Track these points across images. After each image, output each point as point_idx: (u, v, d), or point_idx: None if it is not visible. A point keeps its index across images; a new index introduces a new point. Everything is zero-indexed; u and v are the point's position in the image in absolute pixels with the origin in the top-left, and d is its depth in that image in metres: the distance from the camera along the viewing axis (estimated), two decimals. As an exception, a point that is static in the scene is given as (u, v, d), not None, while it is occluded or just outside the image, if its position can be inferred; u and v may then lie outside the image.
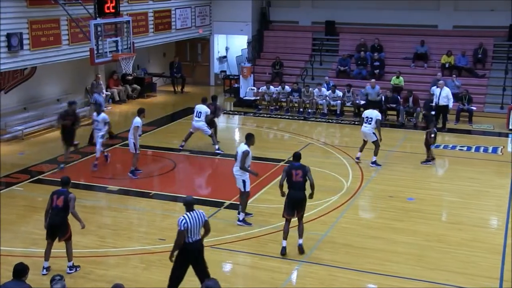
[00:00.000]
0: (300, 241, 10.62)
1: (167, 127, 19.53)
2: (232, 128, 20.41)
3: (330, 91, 21.10)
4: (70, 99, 17.87)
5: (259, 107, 22.05)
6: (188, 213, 8.65)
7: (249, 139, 11.63)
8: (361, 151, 15.47)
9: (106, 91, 22.06)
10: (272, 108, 21.78)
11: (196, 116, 16.50)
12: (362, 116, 15.19)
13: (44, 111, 19.37)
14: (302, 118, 20.88)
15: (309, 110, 21.18)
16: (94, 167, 14.78)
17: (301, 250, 10.58)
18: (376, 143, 15.16)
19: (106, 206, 12.85)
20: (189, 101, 22.94)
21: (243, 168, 11.48)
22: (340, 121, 20.36)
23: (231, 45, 27.39)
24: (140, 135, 14.45)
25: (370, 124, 14.89)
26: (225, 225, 11.86)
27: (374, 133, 15.08)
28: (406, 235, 11.48)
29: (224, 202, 12.96)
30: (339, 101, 20.81)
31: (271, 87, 22.09)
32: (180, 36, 24.24)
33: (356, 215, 12.47)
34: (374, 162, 15.25)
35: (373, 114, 15.01)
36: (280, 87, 21.96)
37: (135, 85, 23.70)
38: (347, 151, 16.63)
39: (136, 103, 23.01)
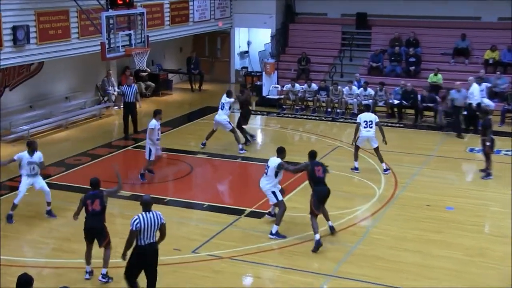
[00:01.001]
0: (330, 222, 11.67)
1: (183, 128, 19.57)
2: (254, 129, 20.38)
3: (361, 89, 20.97)
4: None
5: (283, 106, 22.00)
6: (143, 213, 8.84)
7: (282, 153, 11.85)
8: (356, 160, 15.27)
9: (118, 88, 22.17)
10: (297, 108, 21.72)
11: (220, 109, 16.57)
12: (358, 121, 15.13)
13: (52, 110, 19.54)
14: (330, 118, 20.78)
15: (338, 110, 21.08)
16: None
17: (333, 230, 11.65)
18: (377, 149, 15.13)
19: (118, 213, 12.89)
20: (207, 99, 22.99)
21: (293, 170, 11.90)
22: (372, 122, 20.23)
23: (253, 39, 27.37)
24: (158, 139, 14.37)
25: (372, 127, 14.95)
26: (245, 234, 11.82)
27: (375, 137, 15.09)
28: (445, 248, 11.33)
29: (245, 210, 12.92)
30: (370, 100, 20.67)
31: (297, 85, 22.03)
32: (198, 30, 24.29)
33: (389, 225, 12.35)
34: (386, 169, 15.18)
35: (372, 117, 15.11)
36: (306, 85, 21.89)
37: (149, 82, 23.81)
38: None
39: (150, 102, 23.10)
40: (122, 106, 18.39)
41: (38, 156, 12.17)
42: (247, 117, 17.59)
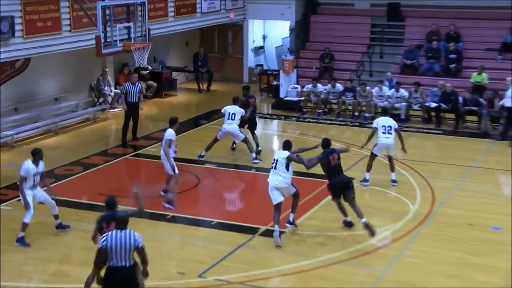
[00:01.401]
0: (364, 219, 12.08)
1: (189, 134, 19.60)
2: (269, 136, 20.38)
3: (392, 90, 20.92)
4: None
5: (304, 110, 22.00)
6: (114, 231, 8.76)
7: (289, 147, 12.48)
8: (369, 170, 15.27)
9: (115, 88, 22.28)
10: (319, 111, 21.70)
11: (229, 118, 16.58)
12: (375, 126, 15.13)
13: (40, 113, 19.65)
14: (358, 124, 20.74)
15: (366, 114, 21.04)
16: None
17: (370, 228, 12.07)
18: (392, 157, 15.26)
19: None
20: (216, 101, 23.02)
21: (307, 164, 12.35)
22: (405, 128, 20.16)
23: (269, 33, 27.40)
24: (175, 152, 14.22)
25: (391, 134, 15.02)
26: (259, 256, 11.80)
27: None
28: (490, 273, 11.25)
29: (259, 228, 12.90)
30: (404, 103, 20.61)
31: (319, 85, 22.01)
32: (206, 22, 24.37)
33: (425, 247, 12.28)
34: (395, 180, 15.27)
35: (390, 122, 15.16)
36: (329, 85, 21.88)
37: (150, 82, 23.90)
38: (415, 166, 16.45)
39: (151, 104, 23.19)
40: (125, 107, 18.28)
41: (42, 165, 12.30)
42: (253, 125, 17.59)
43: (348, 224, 12.71)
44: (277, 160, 12.23)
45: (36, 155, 12.21)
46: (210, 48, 26.73)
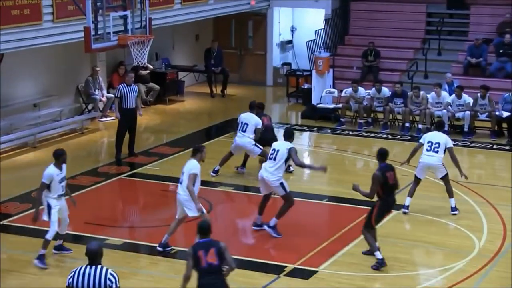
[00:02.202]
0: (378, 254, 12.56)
1: (199, 149, 19.64)
2: (299, 152, 20.33)
3: (453, 95, 20.85)
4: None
5: (342, 120, 21.98)
6: (83, 266, 8.64)
7: (291, 137, 13.85)
8: (411, 195, 15.24)
9: (108, 92, 22.40)
10: (361, 121, 21.66)
11: (240, 130, 16.60)
12: (421, 141, 15.21)
13: (14, 122, 19.78)
14: (409, 137, 20.69)
15: (420, 126, 20.98)
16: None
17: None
18: (446, 179, 15.10)
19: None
20: (233, 108, 23.07)
21: (301, 163, 14.20)
22: (469, 143, 20.06)
23: (299, 24, 27.46)
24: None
25: (438, 152, 14.85)
26: (287, 302, 11.79)
27: (443, 164, 15.00)
28: None
29: (285, 266, 12.88)
30: (467, 112, 20.53)
31: (361, 89, 22.00)
32: (221, 10, 24.47)
33: (494, 292, 12.22)
34: (455, 208, 15.18)
35: (441, 138, 15.02)
36: (374, 89, 21.86)
37: (151, 84, 24.00)
38: (481, 191, 16.36)
39: (152, 111, 23.27)
40: (117, 115, 18.35)
41: (65, 170, 12.77)
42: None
43: (381, 264, 12.57)
44: (277, 151, 13.60)
45: (59, 157, 12.61)
46: (225, 43, 26.82)
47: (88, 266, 8.62)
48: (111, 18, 16.11)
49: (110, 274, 8.59)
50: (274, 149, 13.74)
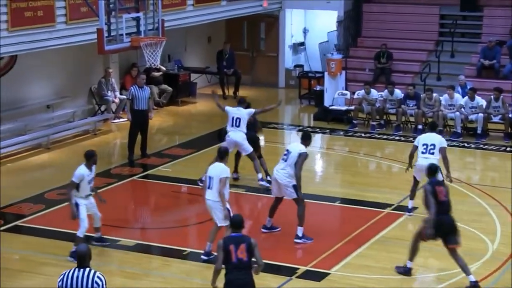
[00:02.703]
0: (472, 277, 11.91)
1: (211, 150, 19.60)
2: (311, 154, 20.27)
3: (466, 98, 20.78)
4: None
5: (354, 122, 21.94)
6: (73, 269, 8.61)
7: (307, 139, 13.87)
8: (413, 198, 15.12)
9: (121, 93, 22.43)
10: (373, 123, 21.61)
11: (233, 125, 16.47)
12: (415, 143, 14.94)
13: (28, 123, 19.81)
14: (422, 139, 20.63)
15: (433, 128, 20.92)
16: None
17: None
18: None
19: (117, 270, 12.95)
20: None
21: (299, 174, 13.61)
22: (482, 145, 20.00)
23: (311, 26, 27.41)
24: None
25: (433, 154, 14.58)
26: (299, 304, 11.77)
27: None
28: None
29: (297, 269, 12.86)
30: (481, 114, 20.46)
31: (373, 91, 21.95)
32: (233, 12, 24.46)
33: (507, 295, 12.17)
34: None
35: (435, 139, 14.76)
36: (387, 91, 21.81)
37: (164, 86, 24.01)
38: (495, 194, 16.28)
39: (165, 113, 23.28)
40: (129, 116, 18.40)
41: (94, 171, 13.23)
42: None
43: (407, 272, 12.52)
44: (290, 153, 13.63)
45: (90, 158, 13.01)
46: (238, 45, 26.81)
47: (77, 269, 8.62)
48: (124, 20, 16.10)
49: (97, 277, 8.58)
50: (287, 150, 13.75)
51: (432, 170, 12.38)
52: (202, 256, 13.05)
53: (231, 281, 9.67)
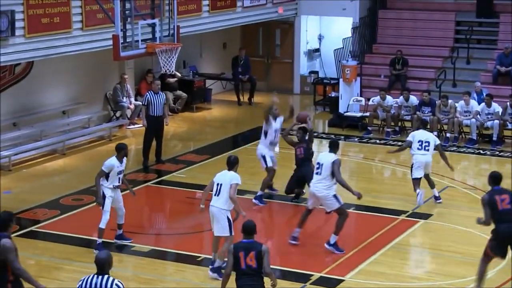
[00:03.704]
0: None
1: (226, 157, 19.61)
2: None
3: (482, 104, 20.72)
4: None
5: (369, 128, 21.92)
6: (91, 276, 8.59)
7: (336, 147, 13.89)
8: (417, 189, 15.96)
9: (136, 99, 22.47)
10: (389, 130, 21.58)
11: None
12: (409, 139, 16.24)
13: (43, 129, 19.88)
14: (437, 146, 20.62)
15: (448, 134, 20.87)
16: None
17: None
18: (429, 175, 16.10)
19: (132, 276, 12.98)
20: (260, 117, 22.97)
21: (342, 180, 13.53)
22: (497, 152, 19.93)
23: (326, 32, 27.41)
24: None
25: (429, 150, 15.85)
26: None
27: None
28: None
29: (311, 275, 12.85)
30: (496, 121, 20.39)
31: (389, 97, 21.92)
32: (249, 18, 24.48)
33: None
34: (438, 197, 16.08)
35: (429, 136, 16.11)
36: (402, 97, 21.78)
37: (179, 92, 24.05)
38: (510, 201, 16.18)
39: (180, 119, 23.31)
40: (144, 123, 18.44)
41: (124, 164, 13.77)
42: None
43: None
44: (322, 165, 13.48)
45: (121, 151, 13.59)
46: (253, 51, 26.83)
47: (96, 275, 8.60)
48: (139, 26, 16.14)
49: (116, 284, 8.53)
50: (318, 163, 13.64)
51: (495, 178, 11.88)
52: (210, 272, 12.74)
53: (241, 287, 9.80)
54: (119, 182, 13.62)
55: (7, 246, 9.57)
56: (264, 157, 16.17)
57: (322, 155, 13.97)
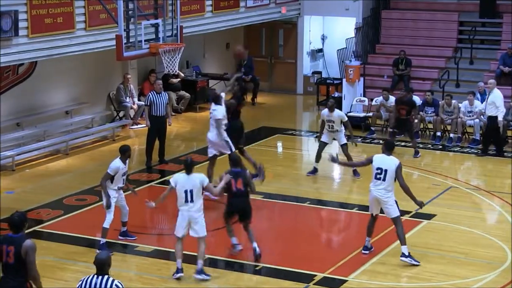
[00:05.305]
0: None
1: (227, 157, 19.64)
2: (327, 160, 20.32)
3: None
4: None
5: (372, 128, 21.93)
6: (91, 276, 8.64)
7: (392, 148, 13.50)
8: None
9: (139, 99, 22.50)
10: (392, 130, 21.59)
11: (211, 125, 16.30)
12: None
13: (47, 129, 19.94)
14: (440, 146, 20.63)
15: (452, 135, 20.88)
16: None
17: None
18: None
19: (136, 277, 13.01)
20: (263, 117, 23.10)
21: (406, 185, 13.13)
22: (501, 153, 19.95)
23: (329, 32, 27.44)
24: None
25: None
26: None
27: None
28: None
29: (315, 275, 12.86)
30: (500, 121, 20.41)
31: (392, 97, 21.92)
32: (252, 19, 24.52)
33: (526, 305, 12.12)
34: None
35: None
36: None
37: (182, 92, 24.09)
38: (513, 201, 16.25)
39: (183, 119, 23.34)
40: (148, 123, 18.46)
41: (127, 164, 13.98)
42: (241, 132, 17.08)
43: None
44: (385, 170, 12.98)
45: (125, 152, 13.85)
46: (256, 51, 26.87)
47: (95, 276, 8.64)
48: (142, 26, 16.17)
49: (116, 285, 8.56)
50: (380, 168, 13.02)
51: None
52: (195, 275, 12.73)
53: (232, 204, 13.17)
54: (123, 183, 13.75)
55: (33, 246, 9.78)
56: (227, 142, 16.14)
57: (382, 158, 13.13)
